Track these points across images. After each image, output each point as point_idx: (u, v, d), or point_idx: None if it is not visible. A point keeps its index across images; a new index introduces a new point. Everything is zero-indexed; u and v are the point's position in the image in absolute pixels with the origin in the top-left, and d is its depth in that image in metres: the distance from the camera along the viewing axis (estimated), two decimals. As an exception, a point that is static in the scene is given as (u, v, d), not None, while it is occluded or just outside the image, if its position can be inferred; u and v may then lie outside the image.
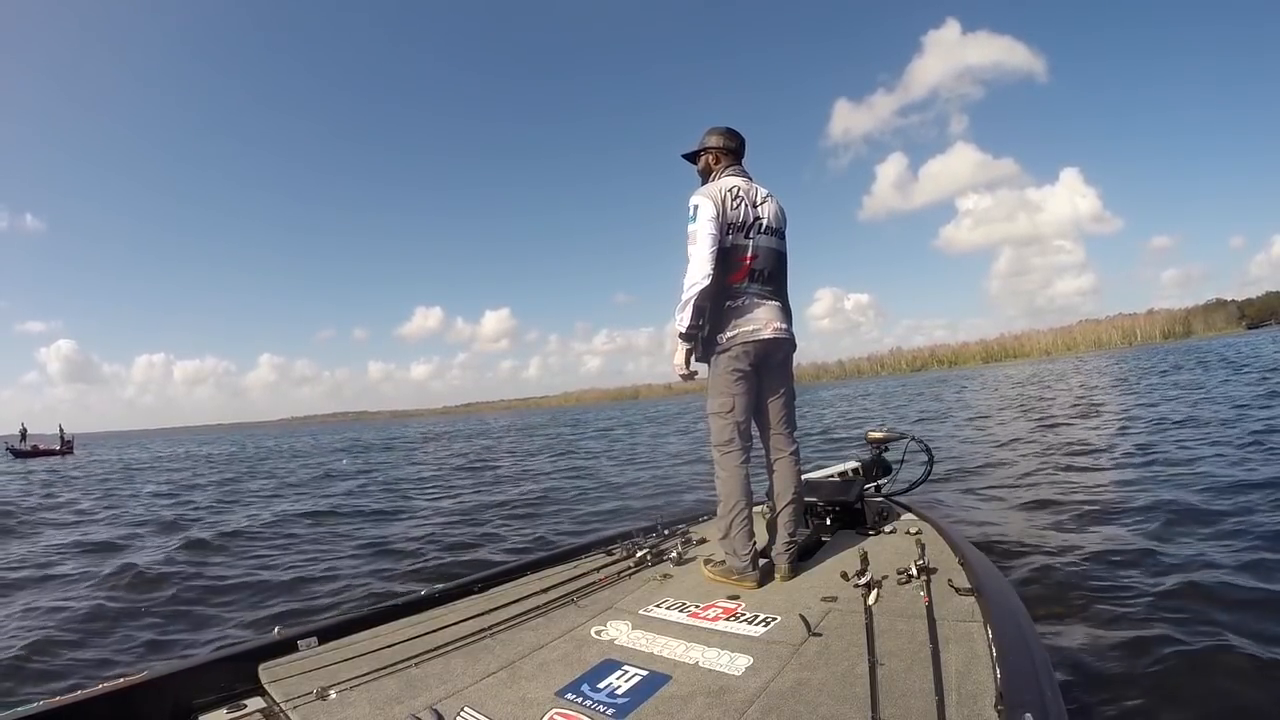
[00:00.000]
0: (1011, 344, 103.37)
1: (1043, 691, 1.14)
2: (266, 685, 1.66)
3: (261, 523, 6.52)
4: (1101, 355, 57.32)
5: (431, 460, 14.65)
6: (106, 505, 8.98)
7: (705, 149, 2.42)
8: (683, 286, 2.18)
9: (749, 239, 2.24)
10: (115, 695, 1.53)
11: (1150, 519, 3.76)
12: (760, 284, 2.28)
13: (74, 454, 30.40)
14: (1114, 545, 3.37)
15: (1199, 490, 4.35)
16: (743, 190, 2.26)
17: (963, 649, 1.49)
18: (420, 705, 1.51)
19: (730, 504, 2.23)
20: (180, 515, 7.45)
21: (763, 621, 1.85)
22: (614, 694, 1.50)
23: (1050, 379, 23.68)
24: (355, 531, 5.86)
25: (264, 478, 12.40)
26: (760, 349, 2.24)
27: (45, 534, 6.79)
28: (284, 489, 10.13)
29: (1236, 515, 3.66)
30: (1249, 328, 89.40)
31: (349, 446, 23.72)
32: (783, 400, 2.37)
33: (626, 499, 6.55)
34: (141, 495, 10.22)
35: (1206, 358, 23.80)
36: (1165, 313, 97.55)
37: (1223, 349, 30.83)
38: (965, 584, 1.85)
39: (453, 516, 6.30)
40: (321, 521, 6.46)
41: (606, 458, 11.56)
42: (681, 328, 2.20)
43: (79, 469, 18.63)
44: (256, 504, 8.38)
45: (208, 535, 5.83)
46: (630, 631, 1.88)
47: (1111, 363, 33.52)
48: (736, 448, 2.25)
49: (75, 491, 11.47)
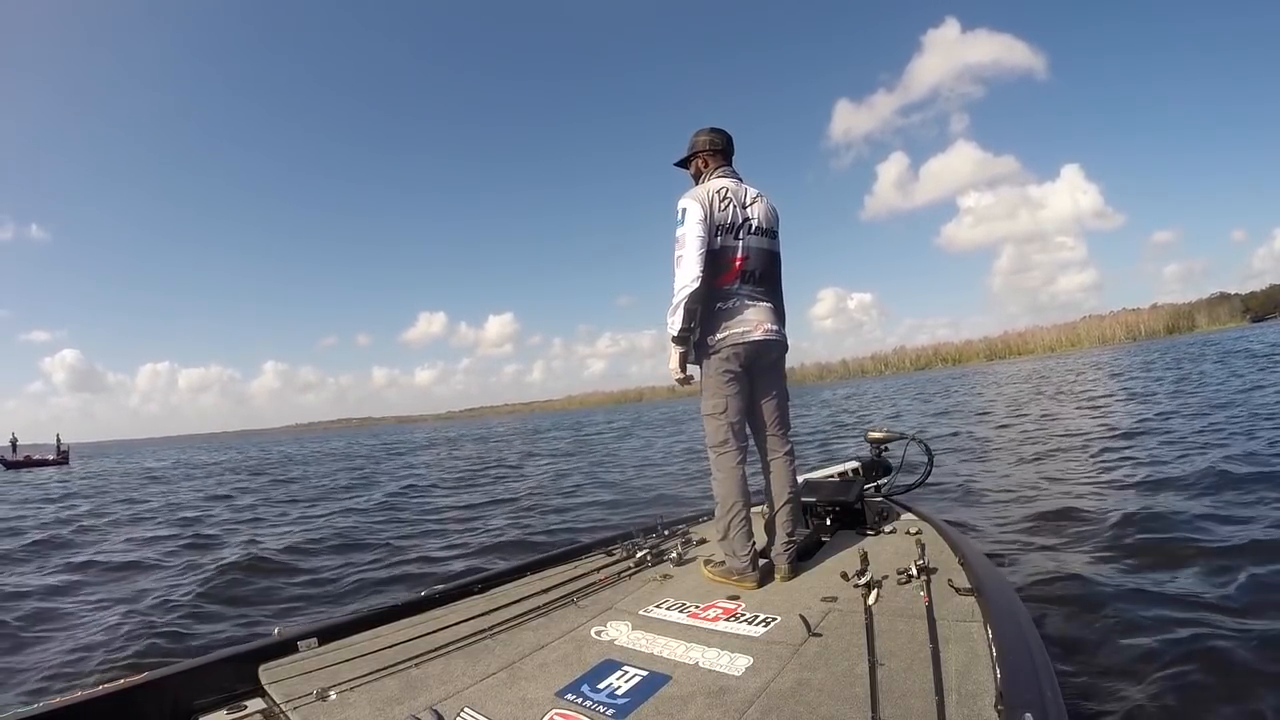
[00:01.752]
0: (1015, 341, 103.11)
1: (1043, 691, 1.14)
2: (266, 686, 1.67)
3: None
4: (1106, 351, 57.05)
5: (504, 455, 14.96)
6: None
7: (695, 153, 2.42)
8: (673, 291, 2.18)
9: (739, 240, 2.24)
10: (115, 696, 1.53)
11: (1152, 520, 3.74)
12: (752, 285, 2.27)
13: (69, 464, 29.25)
14: (1115, 545, 3.35)
15: (1207, 486, 4.32)
16: (731, 191, 2.25)
17: (963, 649, 1.49)
18: (420, 706, 1.51)
19: (728, 505, 2.22)
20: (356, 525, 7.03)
21: (763, 622, 1.85)
22: (614, 694, 1.50)
23: (1066, 375, 23.23)
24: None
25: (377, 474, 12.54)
26: (751, 350, 2.23)
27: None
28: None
29: (1245, 513, 3.63)
30: (1253, 321, 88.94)
31: (398, 447, 23.81)
32: (775, 401, 2.37)
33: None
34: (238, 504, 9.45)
35: (1208, 350, 23.37)
36: (1169, 307, 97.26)
37: (1230, 342, 30.41)
38: (965, 584, 1.84)
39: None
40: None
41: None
42: (673, 331, 2.20)
43: (93, 479, 17.72)
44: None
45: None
46: (630, 632, 1.88)
47: (1117, 357, 33.22)
48: (732, 448, 2.25)
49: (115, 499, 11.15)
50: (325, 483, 11.43)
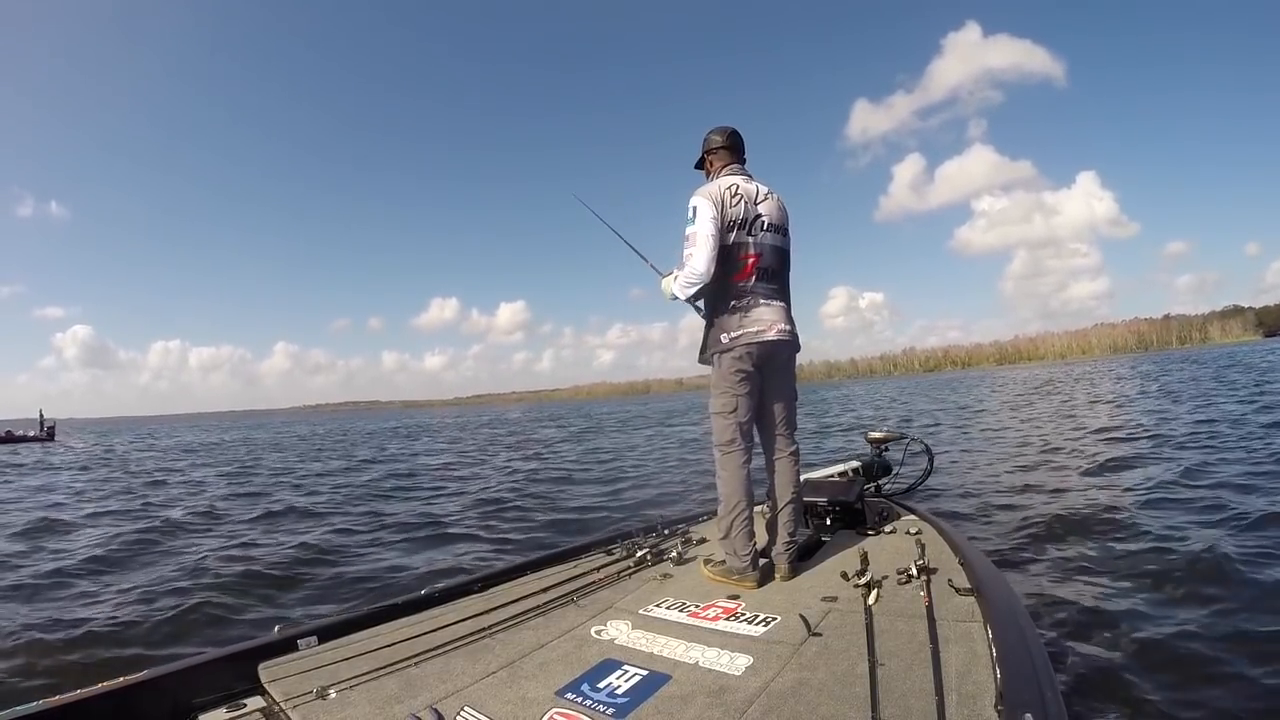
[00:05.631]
0: (1026, 346, 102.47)
1: (1043, 691, 1.13)
2: (266, 684, 1.67)
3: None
4: (1115, 360, 56.53)
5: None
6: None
7: (707, 152, 2.43)
8: (683, 283, 2.22)
9: (751, 236, 2.24)
10: (115, 694, 1.53)
11: (1155, 520, 3.71)
12: (765, 283, 2.27)
13: (54, 440, 27.91)
14: (1116, 545, 3.33)
15: (1217, 489, 4.28)
16: (742, 187, 2.25)
17: (963, 649, 1.48)
18: (420, 705, 1.51)
19: (731, 504, 2.22)
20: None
21: (763, 621, 1.85)
22: (614, 694, 1.50)
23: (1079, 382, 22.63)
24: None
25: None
26: (764, 350, 2.23)
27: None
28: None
29: (1250, 514, 3.60)
30: (1267, 335, 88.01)
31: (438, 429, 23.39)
32: (784, 401, 2.36)
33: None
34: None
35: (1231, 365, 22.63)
36: (1182, 318, 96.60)
37: (1248, 355, 29.23)
38: (965, 584, 1.83)
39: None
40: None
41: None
42: (681, 297, 2.27)
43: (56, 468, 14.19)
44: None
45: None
46: (630, 631, 1.88)
47: (1137, 363, 32.51)
48: (739, 448, 2.24)
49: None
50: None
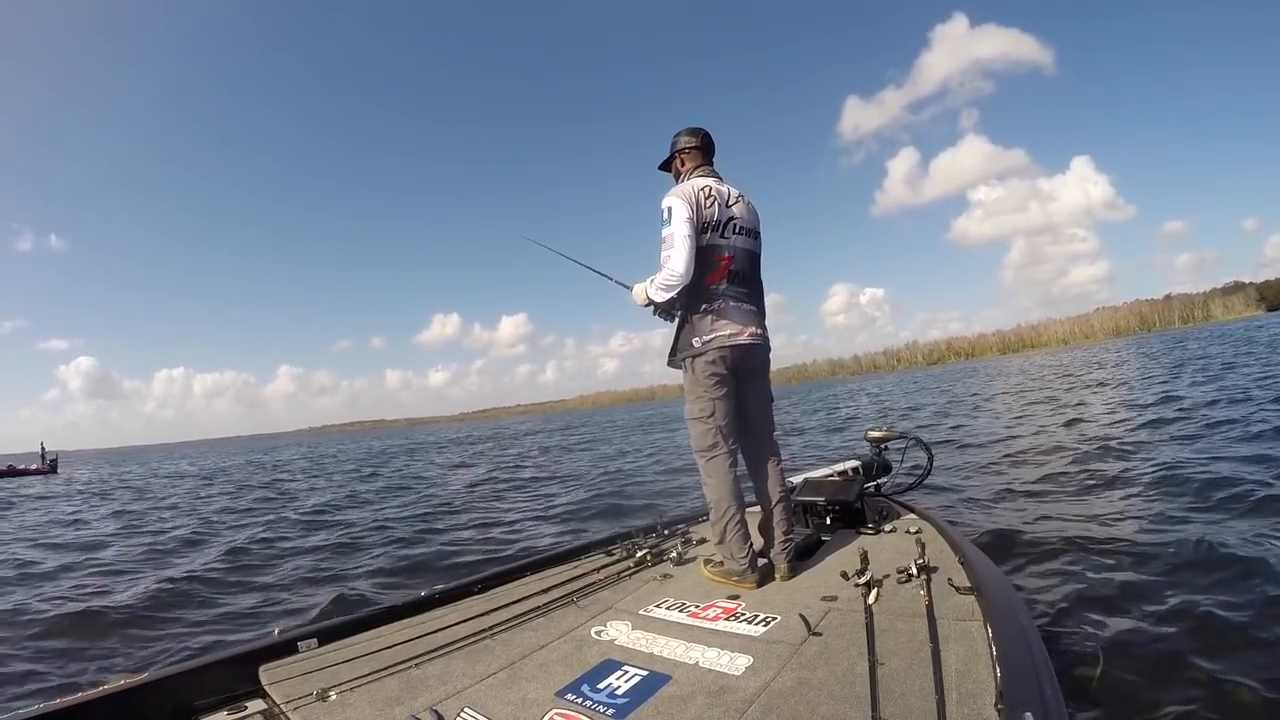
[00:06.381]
0: (1028, 334, 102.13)
1: (1043, 690, 1.13)
2: (267, 687, 1.68)
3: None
4: (1119, 342, 56.18)
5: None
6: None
7: (675, 152, 2.40)
8: (660, 285, 2.17)
9: (724, 239, 2.22)
10: (116, 696, 1.54)
11: (1156, 519, 3.69)
12: (737, 285, 2.25)
13: (56, 473, 27.26)
14: (1117, 544, 3.30)
15: (1219, 484, 4.26)
16: (715, 189, 2.24)
17: (963, 648, 1.48)
18: (420, 706, 1.51)
19: (722, 509, 2.20)
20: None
21: (762, 621, 1.84)
22: (614, 694, 1.50)
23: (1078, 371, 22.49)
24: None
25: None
26: (737, 354, 2.21)
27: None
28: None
29: (1253, 514, 3.58)
30: (1269, 309, 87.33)
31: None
32: (762, 404, 2.36)
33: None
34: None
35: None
36: (1184, 297, 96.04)
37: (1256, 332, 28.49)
38: (965, 583, 1.83)
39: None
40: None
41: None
42: (657, 300, 2.21)
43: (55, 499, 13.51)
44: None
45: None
46: (630, 632, 1.88)
47: (1143, 344, 31.55)
48: (722, 451, 2.23)
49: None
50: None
